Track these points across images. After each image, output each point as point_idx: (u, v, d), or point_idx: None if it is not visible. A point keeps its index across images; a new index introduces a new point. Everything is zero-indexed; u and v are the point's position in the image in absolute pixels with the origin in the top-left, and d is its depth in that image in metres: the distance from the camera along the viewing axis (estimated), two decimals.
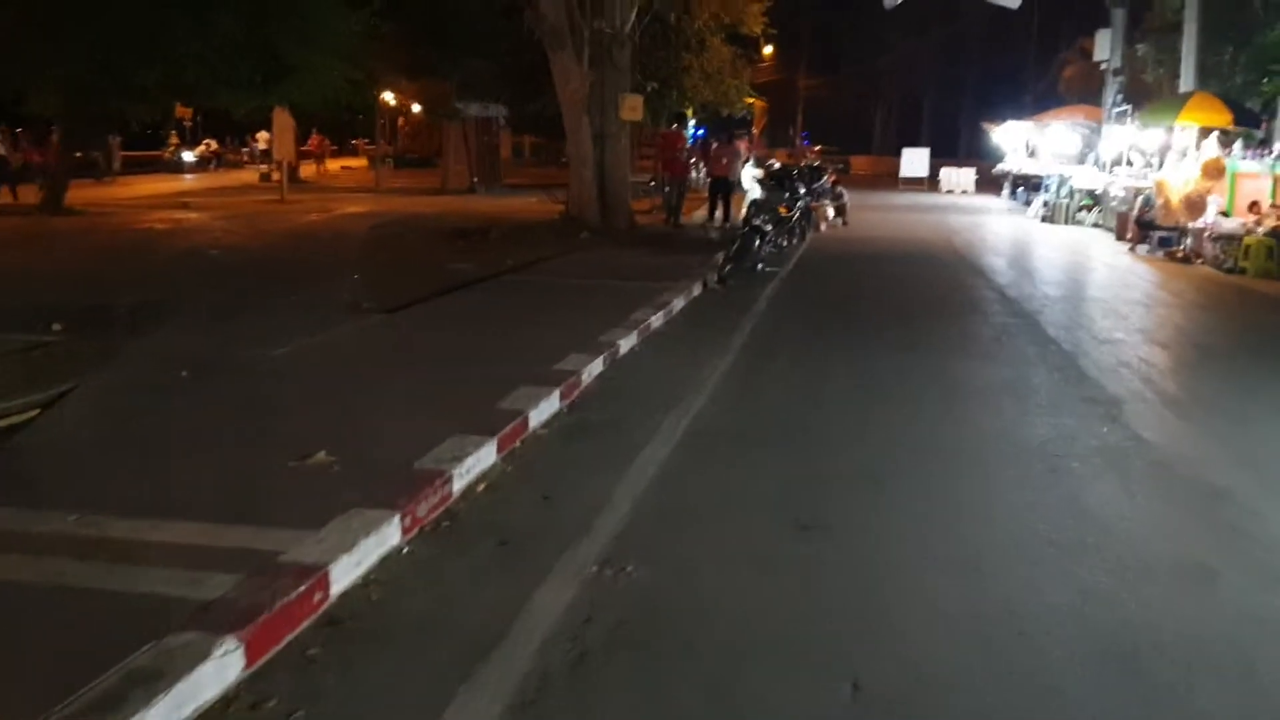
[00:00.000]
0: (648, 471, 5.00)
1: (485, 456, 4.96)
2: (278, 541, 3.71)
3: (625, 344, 7.81)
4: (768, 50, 38.21)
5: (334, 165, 48.69)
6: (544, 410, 5.85)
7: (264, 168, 35.22)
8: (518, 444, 5.36)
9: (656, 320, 8.90)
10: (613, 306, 9.28)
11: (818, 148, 53.70)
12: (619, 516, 4.40)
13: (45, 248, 13.11)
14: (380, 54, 23.75)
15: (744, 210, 17.35)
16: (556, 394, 6.11)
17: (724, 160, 16.41)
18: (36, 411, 5.34)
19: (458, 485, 4.62)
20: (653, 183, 22.65)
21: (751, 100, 35.81)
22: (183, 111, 40.30)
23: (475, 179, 30.46)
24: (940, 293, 11.78)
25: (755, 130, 44.66)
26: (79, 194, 21.02)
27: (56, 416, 5.33)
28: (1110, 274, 13.81)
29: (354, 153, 59.33)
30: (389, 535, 3.99)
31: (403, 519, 4.09)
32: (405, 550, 3.99)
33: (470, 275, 11.34)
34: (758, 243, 12.20)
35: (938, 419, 6.14)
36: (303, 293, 9.61)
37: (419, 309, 8.92)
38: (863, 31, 61.99)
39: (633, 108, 15.85)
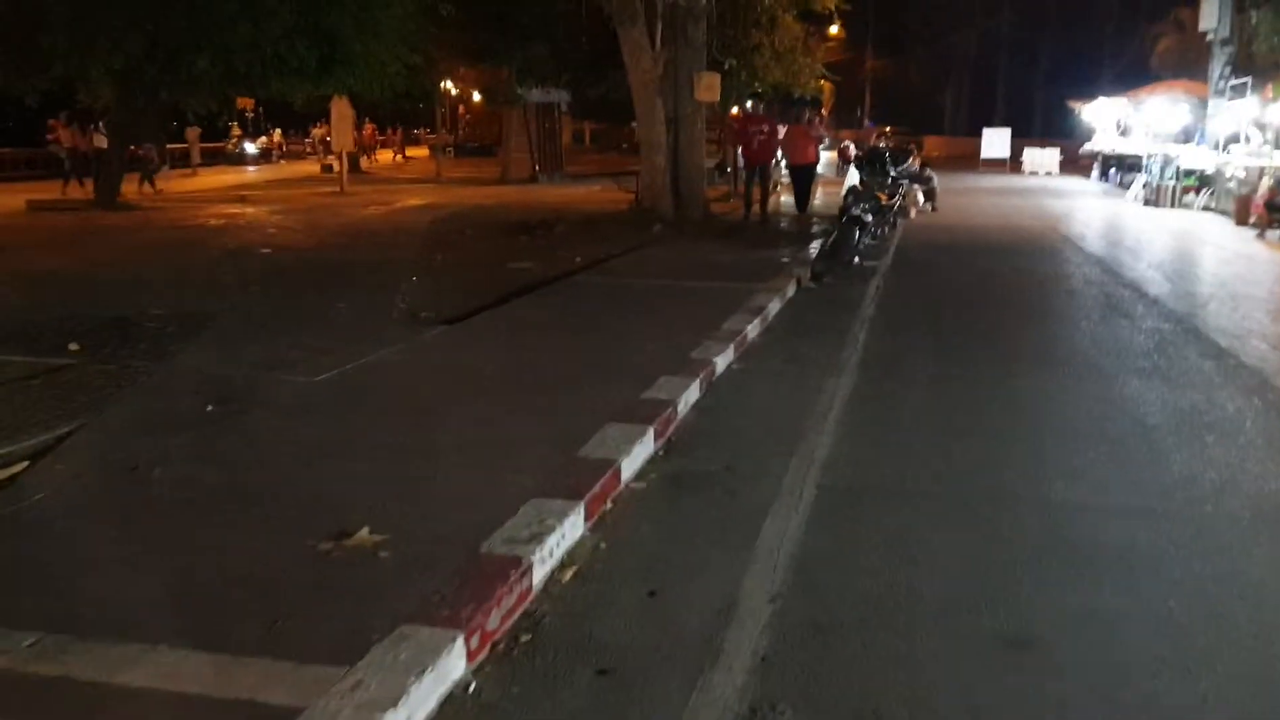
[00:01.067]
0: (779, 551, 3.86)
1: (571, 529, 3.87)
2: (297, 686, 2.67)
3: (721, 361, 6.68)
4: (834, 30, 36.51)
5: (393, 156, 48.37)
6: (637, 456, 4.74)
7: (326, 159, 34.76)
8: (609, 505, 4.27)
9: (753, 329, 7.75)
10: (700, 313, 8.16)
11: (887, 129, 51.94)
12: (755, 626, 3.28)
13: (88, 247, 12.33)
14: (439, 39, 22.83)
15: (809, 199, 16.15)
16: (650, 433, 5.00)
17: (805, 145, 15.06)
18: (21, 467, 4.36)
19: (538, 575, 3.54)
20: (729, 169, 21.39)
21: (823, 81, 34.31)
22: (244, 102, 39.97)
23: (537, 167, 29.51)
24: (1066, 288, 10.45)
25: (824, 111, 43.15)
26: (135, 188, 20.47)
27: (43, 475, 4.34)
28: (1249, 265, 12.31)
29: (416, 142, 59.16)
30: (450, 668, 2.90)
31: (468, 640, 3.01)
32: (472, 688, 2.91)
33: (536, 276, 10.30)
34: (857, 234, 10.98)
35: (1134, 467, 4.89)
36: (355, 298, 8.64)
37: (482, 319, 7.86)
38: (933, 9, 59.89)
39: (709, 87, 14.65)
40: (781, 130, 15.92)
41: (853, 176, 11.46)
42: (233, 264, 10.82)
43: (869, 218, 11.32)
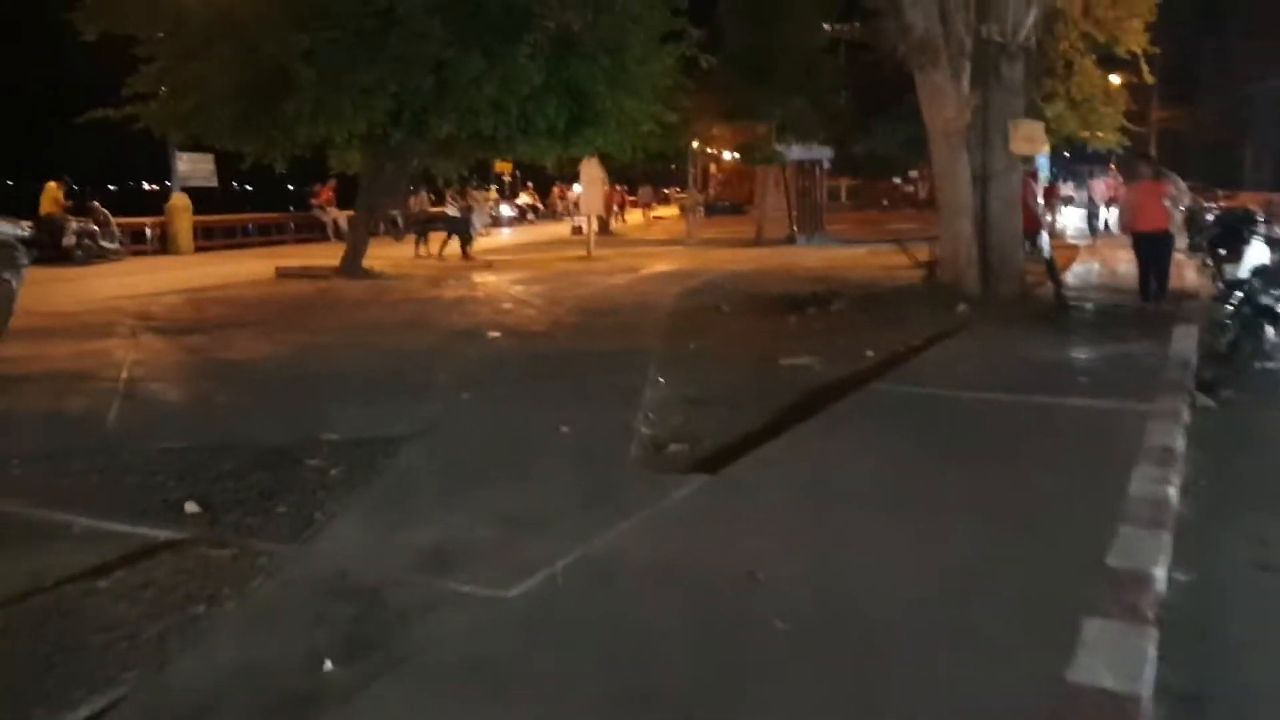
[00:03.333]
0: None
1: None
2: None
3: (1159, 572, 4.01)
4: (1147, 78, 32.16)
5: (642, 215, 48.01)
6: None
7: (576, 221, 34.19)
8: None
9: (1170, 493, 5.00)
10: (1079, 460, 5.52)
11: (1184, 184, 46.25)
12: None
13: (306, 327, 11.03)
14: (695, 94, 21.15)
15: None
16: None
17: (1156, 206, 11.75)
18: None
19: None
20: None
21: (1124, 132, 30.27)
22: (502, 166, 40.16)
23: (794, 228, 27.29)
24: None
25: (1112, 165, 38.79)
26: (387, 252, 19.81)
27: None
28: None
29: (665, 200, 58.77)
30: None
31: None
32: None
33: (820, 380, 7.94)
34: (1268, 331, 7.93)
35: None
36: (583, 414, 6.54)
37: (755, 465, 5.47)
38: (1230, 54, 53.51)
39: (1029, 138, 11.86)
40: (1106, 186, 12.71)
41: (1258, 252, 8.47)
42: (451, 354, 9.07)
43: None
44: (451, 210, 19.97)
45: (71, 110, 15.63)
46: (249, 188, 43.39)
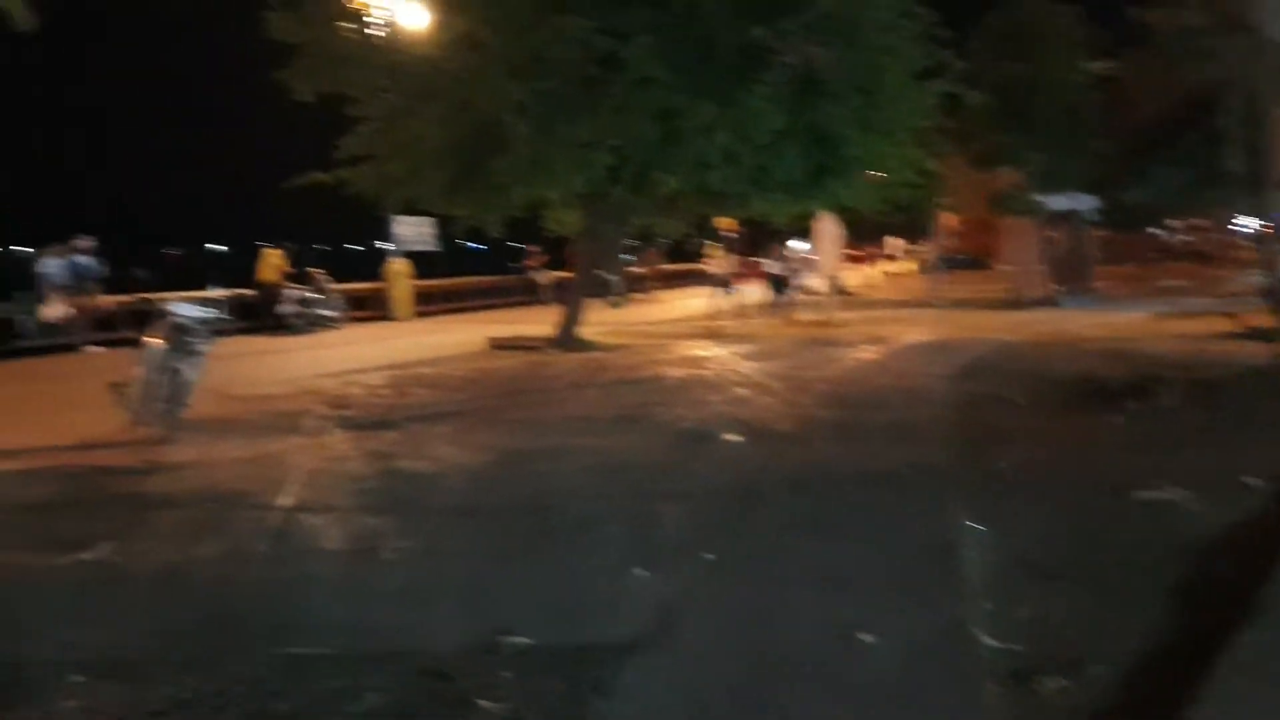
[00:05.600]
0: None
1: None
2: None
3: None
4: None
5: (881, 271, 45.47)
6: None
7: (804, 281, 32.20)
8: None
9: None
10: None
11: None
12: None
13: (499, 419, 9.40)
14: (953, 134, 18.75)
15: None
16: None
17: None
18: None
19: None
20: None
21: None
22: (727, 223, 38.51)
23: (1056, 287, 24.16)
24: None
25: None
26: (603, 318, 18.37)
27: None
28: None
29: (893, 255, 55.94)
30: None
31: None
32: None
33: (1204, 531, 5.51)
34: None
35: None
36: (886, 596, 4.41)
37: None
38: None
39: None
40: None
41: None
42: (681, 471, 7.11)
43: None
44: (775, 268, 19.02)
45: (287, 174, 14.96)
46: (483, 247, 43.80)
